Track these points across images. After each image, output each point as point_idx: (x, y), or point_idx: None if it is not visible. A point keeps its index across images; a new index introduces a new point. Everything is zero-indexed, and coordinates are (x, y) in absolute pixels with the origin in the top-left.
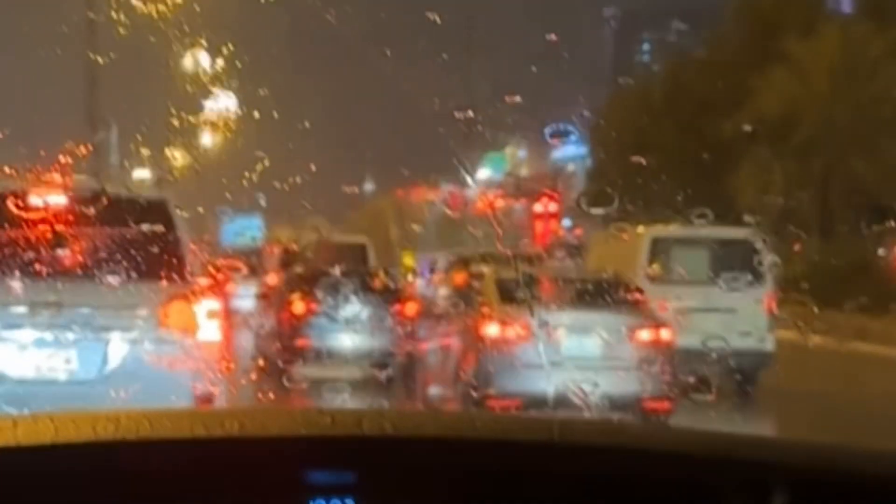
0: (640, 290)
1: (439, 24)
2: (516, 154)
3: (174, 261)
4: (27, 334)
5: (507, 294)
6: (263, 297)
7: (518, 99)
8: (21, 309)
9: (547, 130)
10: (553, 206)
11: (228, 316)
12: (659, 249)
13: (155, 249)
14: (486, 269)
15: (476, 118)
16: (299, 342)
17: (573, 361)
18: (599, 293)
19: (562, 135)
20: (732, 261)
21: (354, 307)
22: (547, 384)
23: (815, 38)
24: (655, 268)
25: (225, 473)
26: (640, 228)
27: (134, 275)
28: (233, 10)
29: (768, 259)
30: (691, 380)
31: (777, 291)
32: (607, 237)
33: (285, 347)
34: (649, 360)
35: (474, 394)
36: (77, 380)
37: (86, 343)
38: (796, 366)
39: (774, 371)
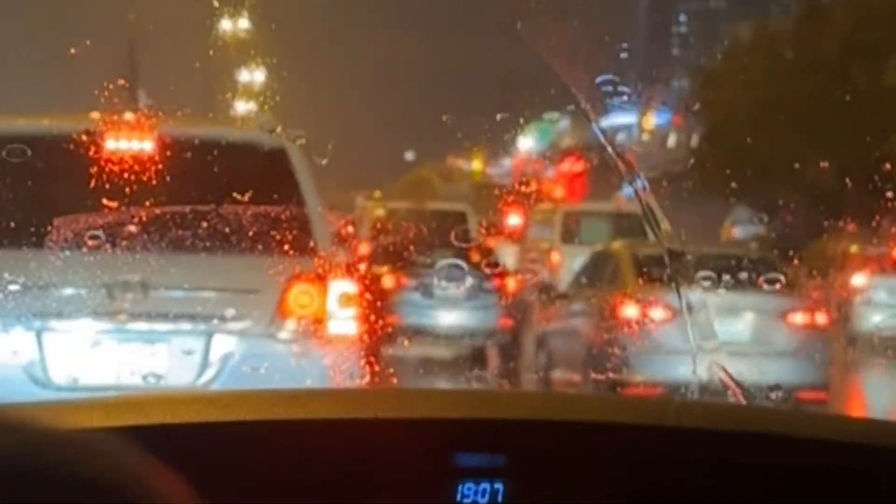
0: (782, 270)
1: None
2: (558, 123)
3: (297, 229)
4: (102, 326)
5: (643, 270)
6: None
7: (553, 66)
8: (93, 292)
9: (601, 82)
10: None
11: (370, 302)
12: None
13: (271, 214)
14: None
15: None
16: (390, 319)
17: (722, 346)
18: (744, 271)
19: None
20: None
21: (457, 282)
22: (693, 371)
23: None
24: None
25: (371, 456)
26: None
27: (244, 247)
28: None
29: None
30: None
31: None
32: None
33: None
34: (805, 346)
35: (610, 379)
36: (168, 387)
37: (180, 338)
38: None
39: None
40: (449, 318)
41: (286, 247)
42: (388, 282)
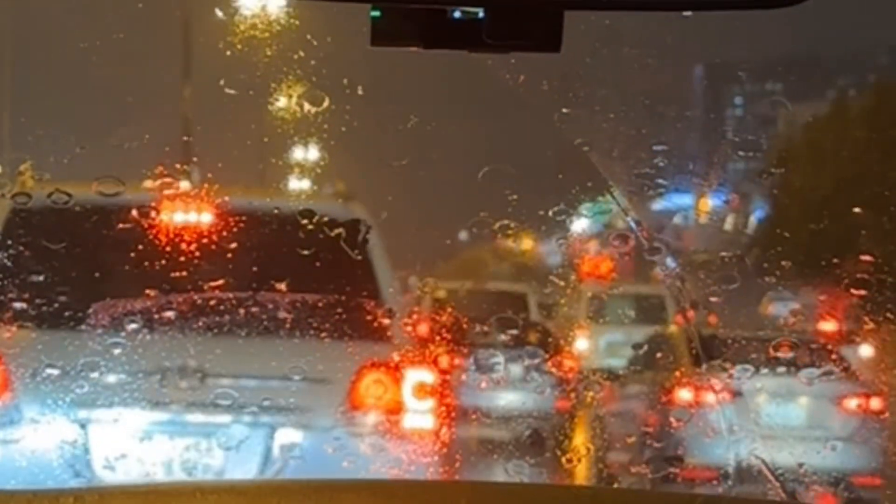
0: (840, 354)
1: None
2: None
3: (371, 311)
4: (155, 417)
5: (699, 354)
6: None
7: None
8: (146, 379)
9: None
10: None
11: (445, 392)
12: None
13: (343, 294)
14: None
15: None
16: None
17: (776, 432)
18: (801, 356)
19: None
20: None
21: (516, 364)
22: (745, 456)
23: None
24: None
25: None
26: None
27: (312, 331)
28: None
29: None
30: None
31: None
32: None
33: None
34: (859, 433)
35: (666, 465)
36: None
37: (240, 431)
38: None
39: None
40: (507, 400)
41: (357, 331)
42: (448, 363)
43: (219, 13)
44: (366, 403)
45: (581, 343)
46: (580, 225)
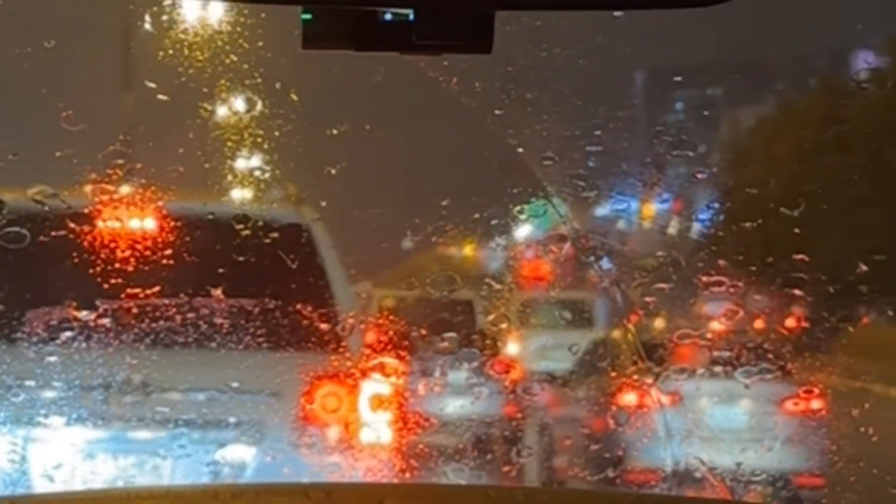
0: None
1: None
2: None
3: (321, 319)
4: (97, 434)
5: (640, 357)
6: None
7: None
8: (88, 394)
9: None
10: None
11: (399, 402)
12: None
13: (291, 301)
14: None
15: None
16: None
17: (715, 433)
18: (742, 357)
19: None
20: None
21: (458, 371)
22: (687, 458)
23: None
24: None
25: None
26: None
27: (261, 341)
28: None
29: None
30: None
31: None
32: None
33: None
34: (799, 433)
35: (608, 468)
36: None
37: (186, 447)
38: None
39: None
40: (455, 406)
41: (311, 340)
42: (400, 372)
43: (149, 19)
44: (317, 417)
45: (522, 348)
46: (521, 229)
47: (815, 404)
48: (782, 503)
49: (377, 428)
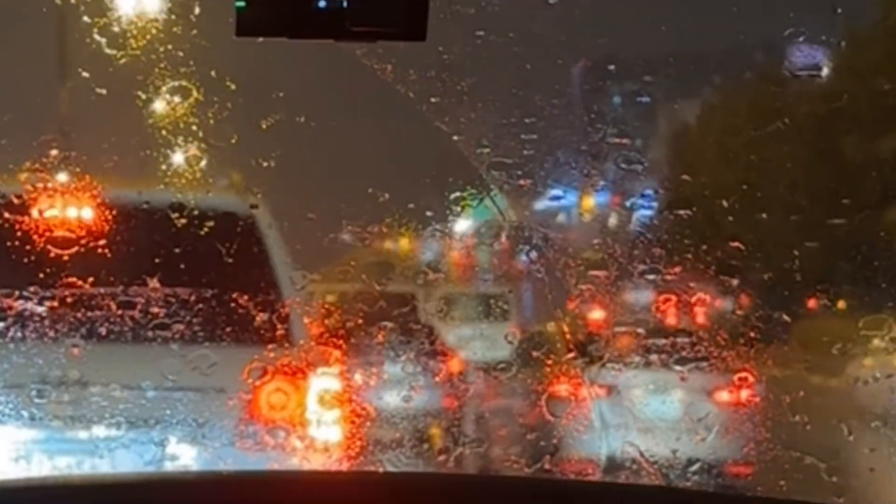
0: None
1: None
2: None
3: (268, 311)
4: (29, 433)
5: (577, 348)
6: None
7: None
8: (22, 389)
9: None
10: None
11: (345, 396)
12: None
13: (236, 293)
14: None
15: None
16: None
17: (649, 423)
18: (677, 351)
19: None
20: None
21: (399, 365)
22: (621, 448)
23: None
24: None
25: None
26: None
27: (203, 334)
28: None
29: None
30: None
31: None
32: None
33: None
34: (730, 422)
35: (542, 458)
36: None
37: (125, 444)
38: None
39: None
40: (395, 398)
41: (253, 333)
42: (346, 367)
43: (84, 9)
44: (262, 411)
45: (459, 339)
46: (457, 219)
47: (749, 393)
48: (716, 490)
49: (320, 420)
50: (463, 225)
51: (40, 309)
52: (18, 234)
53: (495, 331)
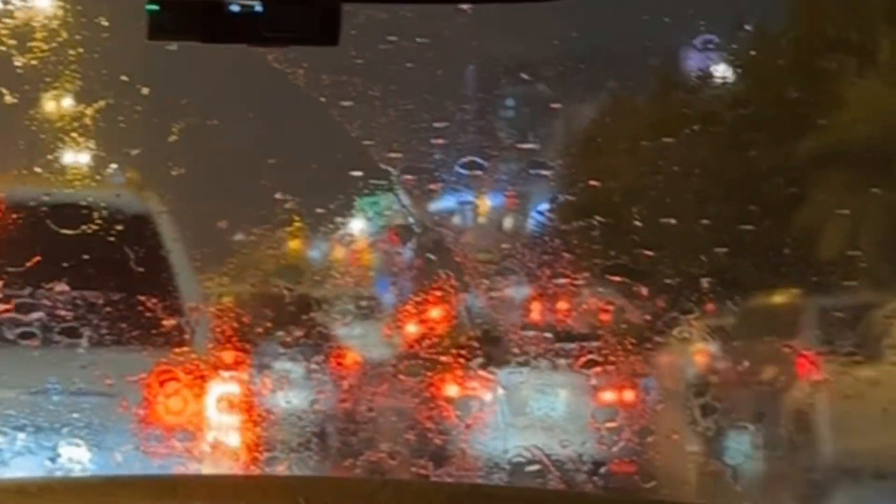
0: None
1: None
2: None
3: (166, 313)
4: None
5: (475, 348)
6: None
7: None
8: None
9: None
10: None
11: (243, 399)
12: None
13: (133, 295)
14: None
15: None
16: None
17: (538, 423)
18: (566, 350)
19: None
20: None
21: (299, 367)
22: (509, 448)
23: None
24: None
25: None
26: None
27: (97, 337)
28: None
29: None
30: None
31: None
32: None
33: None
34: (617, 421)
35: (429, 459)
36: None
37: (27, 450)
38: None
39: None
40: (294, 399)
41: (151, 337)
42: (243, 369)
43: None
44: (162, 415)
45: (358, 340)
46: (364, 222)
47: (641, 395)
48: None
49: (221, 424)
50: (370, 228)
51: None
52: None
53: (396, 331)
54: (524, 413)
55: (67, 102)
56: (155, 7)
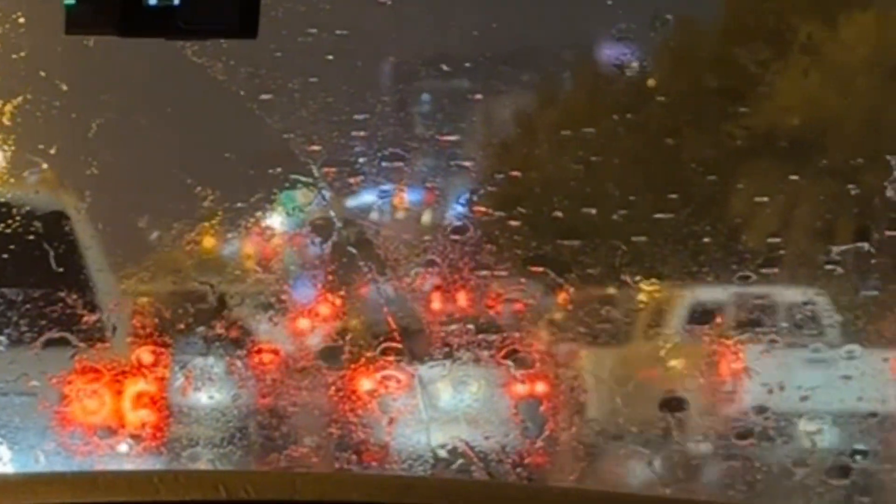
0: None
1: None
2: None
3: (80, 310)
4: None
5: (384, 342)
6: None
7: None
8: None
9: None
10: None
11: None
12: None
13: (45, 292)
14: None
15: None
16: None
17: (453, 415)
18: (481, 341)
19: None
20: None
21: (210, 361)
22: (425, 440)
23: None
24: None
25: None
26: None
27: (10, 334)
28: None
29: None
30: None
31: None
32: None
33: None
34: (528, 413)
35: (347, 451)
36: None
37: None
38: None
39: None
40: (215, 396)
41: (63, 333)
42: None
43: None
44: (79, 415)
45: (279, 336)
46: (284, 217)
47: (554, 387)
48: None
49: (140, 423)
50: (291, 222)
51: None
52: None
53: (314, 326)
54: (446, 406)
55: None
56: (72, 1)
